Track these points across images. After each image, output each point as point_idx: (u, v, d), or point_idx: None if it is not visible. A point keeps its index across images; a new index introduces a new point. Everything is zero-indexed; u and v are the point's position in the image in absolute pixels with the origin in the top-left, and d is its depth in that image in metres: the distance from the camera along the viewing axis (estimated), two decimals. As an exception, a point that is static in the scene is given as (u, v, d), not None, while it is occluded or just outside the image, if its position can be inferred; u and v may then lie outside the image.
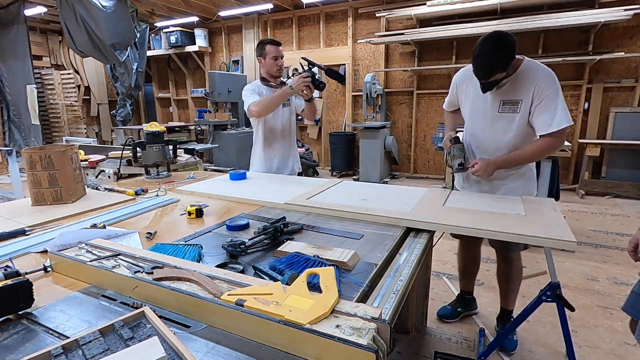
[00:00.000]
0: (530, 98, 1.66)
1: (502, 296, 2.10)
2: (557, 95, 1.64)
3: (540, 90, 1.63)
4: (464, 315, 2.29)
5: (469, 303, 2.32)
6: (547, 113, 1.64)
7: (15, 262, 1.10)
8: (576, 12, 4.91)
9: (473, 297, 2.35)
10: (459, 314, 2.28)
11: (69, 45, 5.54)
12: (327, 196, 1.76)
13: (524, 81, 1.66)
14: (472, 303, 2.34)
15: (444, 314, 2.28)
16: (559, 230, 1.25)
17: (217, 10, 7.19)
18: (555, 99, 1.63)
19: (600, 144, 5.03)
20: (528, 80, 1.65)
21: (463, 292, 2.33)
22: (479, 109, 1.81)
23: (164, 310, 0.83)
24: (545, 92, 1.63)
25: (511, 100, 1.70)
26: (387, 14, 5.99)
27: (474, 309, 2.34)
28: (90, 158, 3.18)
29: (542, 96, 1.63)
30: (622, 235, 3.55)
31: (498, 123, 1.76)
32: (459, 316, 2.28)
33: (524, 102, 1.68)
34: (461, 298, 2.33)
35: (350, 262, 1.03)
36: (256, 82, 2.46)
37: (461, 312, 2.29)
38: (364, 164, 6.05)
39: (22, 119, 7.07)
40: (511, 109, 1.72)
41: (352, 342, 0.64)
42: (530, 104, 1.67)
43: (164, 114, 9.48)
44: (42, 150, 1.69)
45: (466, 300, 2.32)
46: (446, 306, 2.33)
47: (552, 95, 1.63)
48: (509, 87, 1.70)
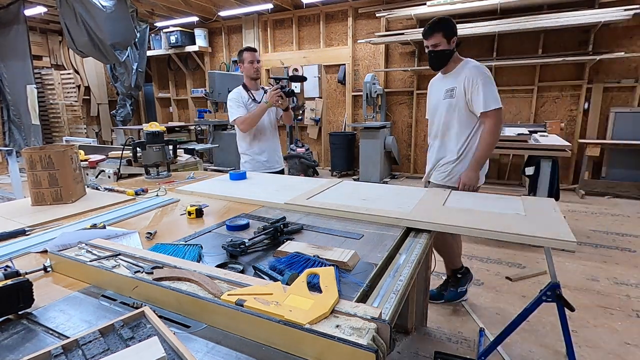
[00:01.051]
0: (462, 85, 2.04)
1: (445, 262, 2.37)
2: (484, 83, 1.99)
3: (470, 79, 2.01)
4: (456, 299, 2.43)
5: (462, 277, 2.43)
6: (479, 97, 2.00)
7: (15, 262, 1.10)
8: (576, 12, 4.91)
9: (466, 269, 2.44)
10: (442, 296, 2.45)
11: (69, 45, 5.54)
12: (327, 196, 1.76)
13: (459, 73, 2.08)
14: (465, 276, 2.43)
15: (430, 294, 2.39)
16: (559, 230, 1.25)
17: (217, 10, 7.19)
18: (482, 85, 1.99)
19: (600, 144, 5.03)
20: (462, 72, 2.07)
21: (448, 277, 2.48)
22: (433, 101, 2.26)
23: (164, 310, 0.83)
24: (473, 80, 2.00)
25: (449, 88, 2.11)
26: (387, 14, 5.99)
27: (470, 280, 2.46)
28: (90, 158, 3.18)
29: (472, 84, 2.01)
30: (622, 235, 3.55)
31: (442, 107, 2.16)
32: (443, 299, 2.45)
33: (457, 88, 2.07)
34: (446, 282, 2.49)
35: (350, 262, 1.03)
36: (238, 90, 2.66)
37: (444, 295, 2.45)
38: (364, 164, 6.05)
39: (22, 119, 7.07)
40: (449, 95, 2.11)
41: (352, 342, 0.64)
42: (463, 90, 2.04)
43: (164, 114, 9.48)
44: (42, 150, 1.69)
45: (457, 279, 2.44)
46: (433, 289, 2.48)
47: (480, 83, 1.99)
48: (451, 78, 2.12)
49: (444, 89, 2.15)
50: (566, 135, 5.43)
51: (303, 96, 7.29)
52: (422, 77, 6.39)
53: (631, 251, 3.20)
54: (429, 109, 2.33)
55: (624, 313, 2.30)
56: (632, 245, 3.31)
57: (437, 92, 2.22)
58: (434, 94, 2.26)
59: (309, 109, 7.25)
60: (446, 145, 2.19)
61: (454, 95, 2.09)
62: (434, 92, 2.27)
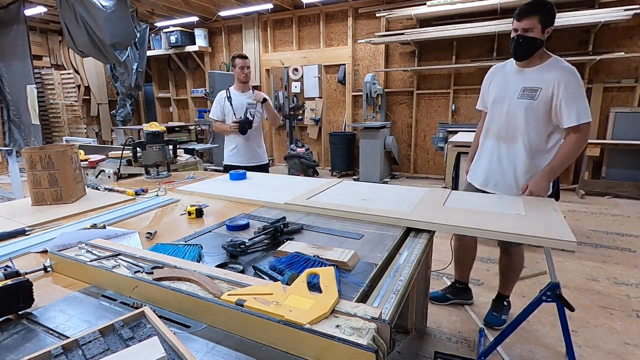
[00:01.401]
0: (550, 89, 1.73)
1: (501, 283, 2.25)
2: (580, 92, 1.71)
3: (562, 84, 1.70)
4: (454, 302, 2.42)
5: (459, 292, 2.43)
6: (570, 108, 1.70)
7: (15, 262, 1.10)
8: (576, 12, 4.91)
9: (467, 288, 2.43)
10: (447, 300, 2.42)
11: (69, 45, 5.54)
12: (327, 196, 1.76)
13: (547, 73, 1.75)
14: (463, 292, 2.42)
15: (434, 296, 2.43)
16: (559, 230, 1.25)
17: (217, 10, 7.19)
18: (578, 93, 1.71)
19: (600, 144, 5.03)
20: (551, 72, 1.74)
21: (456, 281, 2.45)
22: (502, 95, 1.91)
23: (164, 310, 0.83)
24: (567, 86, 1.70)
25: (531, 87, 1.78)
26: (387, 14, 5.99)
27: (467, 299, 2.41)
28: (90, 158, 3.18)
29: (565, 91, 1.70)
30: (622, 235, 3.55)
31: (516, 108, 1.84)
32: (448, 302, 2.41)
33: (542, 90, 1.75)
34: (453, 286, 2.45)
35: (350, 262, 1.03)
36: (222, 94, 3.08)
37: (449, 299, 2.42)
38: (364, 164, 6.05)
39: (22, 119, 7.06)
40: (529, 96, 1.78)
41: (352, 342, 0.64)
42: (550, 95, 1.73)
43: (164, 114, 9.48)
44: (42, 150, 1.69)
45: (457, 289, 2.43)
46: (437, 290, 2.46)
47: (576, 90, 1.70)
48: (532, 75, 1.79)
49: (521, 85, 1.81)
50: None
51: (303, 96, 7.29)
52: (422, 77, 6.39)
53: (631, 251, 3.20)
54: (490, 101, 1.98)
55: (624, 313, 2.30)
56: (632, 245, 3.31)
57: (506, 87, 1.88)
58: (501, 87, 1.91)
59: (309, 109, 7.25)
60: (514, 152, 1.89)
61: (535, 97, 1.77)
62: (501, 85, 1.91)
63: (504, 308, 2.23)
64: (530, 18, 1.69)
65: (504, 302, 2.24)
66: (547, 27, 1.72)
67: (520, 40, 1.74)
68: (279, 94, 7.28)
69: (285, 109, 7.06)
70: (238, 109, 2.99)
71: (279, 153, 7.93)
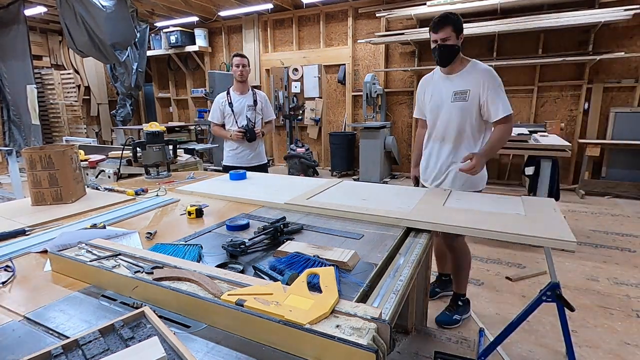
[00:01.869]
0: (478, 89, 1.96)
1: (453, 281, 2.33)
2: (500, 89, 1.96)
3: (486, 84, 1.94)
4: (442, 295, 2.51)
5: (445, 284, 2.53)
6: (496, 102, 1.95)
7: (15, 262, 1.10)
8: (576, 12, 4.91)
9: (450, 279, 2.47)
10: (436, 294, 2.52)
11: (69, 45, 5.54)
12: (327, 196, 1.76)
13: (470, 75, 1.99)
14: (448, 284, 2.49)
15: None
16: (558, 230, 1.25)
17: (217, 10, 7.19)
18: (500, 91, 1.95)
19: (600, 144, 5.03)
20: (474, 74, 1.98)
21: (440, 274, 2.57)
22: (436, 102, 2.11)
23: (164, 310, 0.83)
24: (489, 85, 1.94)
25: (461, 90, 2.01)
26: (387, 14, 5.99)
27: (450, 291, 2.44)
28: (90, 158, 3.18)
29: (488, 89, 1.94)
30: (622, 235, 3.55)
31: (452, 111, 2.04)
32: (437, 295, 2.51)
33: (471, 91, 1.97)
34: (438, 279, 2.57)
35: (350, 262, 1.03)
36: (222, 94, 3.04)
37: (438, 292, 2.52)
38: (364, 164, 6.05)
39: (22, 119, 7.06)
40: (461, 98, 2.01)
41: (352, 342, 0.64)
42: (478, 94, 1.96)
43: (164, 114, 9.48)
44: (42, 150, 1.69)
45: (443, 281, 2.54)
46: None
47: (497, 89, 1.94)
48: (459, 80, 2.02)
49: (451, 90, 2.03)
50: (566, 135, 5.43)
51: (303, 96, 7.29)
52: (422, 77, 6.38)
53: (631, 251, 3.20)
54: (429, 109, 2.18)
55: (624, 313, 2.30)
56: (632, 245, 3.31)
57: (440, 93, 2.09)
58: (435, 94, 2.12)
59: (309, 109, 7.25)
60: (459, 150, 2.07)
61: (467, 98, 1.98)
62: (435, 92, 2.12)
63: (459, 307, 2.24)
64: (445, 29, 1.93)
65: (458, 301, 2.26)
66: (460, 34, 1.96)
67: (442, 49, 1.97)
68: (279, 94, 7.28)
69: (285, 109, 7.06)
70: (239, 113, 2.97)
71: (279, 153, 7.93)
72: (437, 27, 1.95)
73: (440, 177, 2.17)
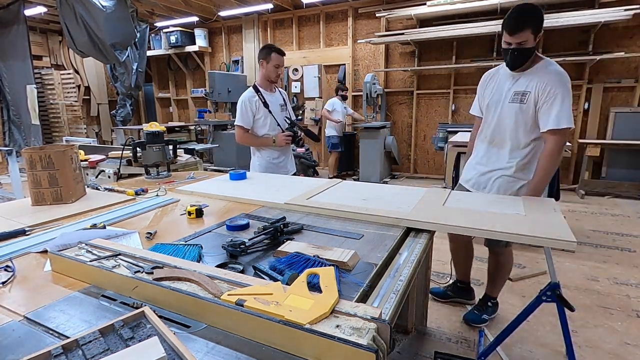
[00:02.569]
0: (536, 92, 1.74)
1: (488, 284, 2.26)
2: (563, 97, 1.69)
3: (548, 88, 1.70)
4: (454, 300, 2.45)
5: (460, 291, 2.45)
6: (551, 111, 1.71)
7: (15, 262, 1.10)
8: (576, 12, 4.91)
9: (469, 288, 2.43)
10: (447, 297, 2.46)
11: (69, 45, 5.54)
12: (327, 196, 1.76)
13: (536, 76, 1.76)
14: (464, 292, 2.43)
15: (435, 292, 2.48)
16: (558, 230, 1.25)
17: (217, 10, 7.19)
18: (560, 99, 1.69)
19: (600, 144, 5.03)
20: (540, 75, 1.75)
21: (457, 281, 2.48)
22: (495, 99, 1.92)
23: (164, 310, 0.83)
24: (552, 90, 1.70)
25: (521, 91, 1.79)
26: (387, 14, 5.99)
27: (469, 299, 2.42)
28: (90, 158, 3.18)
29: (548, 94, 1.71)
30: (622, 235, 3.55)
31: (507, 111, 1.86)
32: (448, 299, 2.45)
33: (531, 94, 1.75)
34: (454, 284, 2.49)
35: (350, 262, 1.03)
36: (250, 93, 2.53)
37: (450, 296, 2.46)
38: (364, 164, 6.05)
39: (22, 119, 7.06)
40: (519, 99, 1.80)
41: (352, 342, 0.64)
42: (536, 97, 1.74)
43: (164, 114, 9.48)
44: (42, 150, 1.69)
45: (458, 288, 2.46)
46: (439, 286, 2.53)
47: (559, 96, 1.69)
48: (524, 79, 1.80)
49: (512, 90, 1.82)
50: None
51: (303, 96, 7.29)
52: (422, 77, 6.39)
53: (631, 251, 3.20)
54: (483, 105, 2.00)
55: (624, 313, 2.30)
56: (632, 245, 3.31)
57: (500, 91, 1.89)
58: (495, 92, 1.91)
59: (309, 109, 7.25)
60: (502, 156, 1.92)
61: (525, 100, 1.77)
62: (496, 89, 1.92)
63: (488, 308, 2.24)
64: (524, 31, 1.67)
65: (488, 302, 2.24)
66: (538, 34, 1.72)
67: (516, 53, 1.73)
68: (279, 94, 7.28)
69: (285, 109, 7.05)
70: (277, 114, 2.54)
71: (279, 153, 7.92)
72: (514, 29, 1.69)
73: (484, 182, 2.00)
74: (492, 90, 1.95)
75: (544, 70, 1.75)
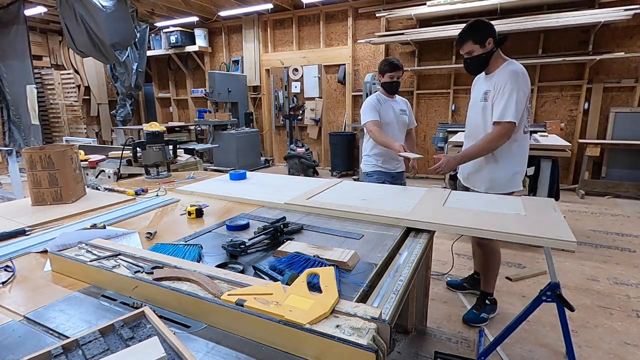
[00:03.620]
0: (494, 89, 1.94)
1: (481, 278, 2.32)
2: (511, 92, 1.87)
3: (501, 84, 1.90)
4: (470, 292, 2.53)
5: (476, 283, 2.48)
6: (499, 104, 1.90)
7: (15, 262, 1.10)
8: (576, 12, 4.91)
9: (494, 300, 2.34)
10: (463, 288, 2.57)
11: (69, 45, 5.54)
12: (327, 196, 1.76)
13: (497, 75, 1.96)
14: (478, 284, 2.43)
15: (452, 283, 2.62)
16: (558, 230, 1.25)
17: (217, 10, 7.19)
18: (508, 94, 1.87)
19: (600, 144, 5.03)
20: (499, 74, 1.95)
21: (475, 272, 2.58)
22: (472, 100, 2.15)
23: (164, 310, 0.83)
24: (503, 87, 1.89)
25: (485, 90, 2.01)
26: (387, 14, 5.99)
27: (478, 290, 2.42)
28: (90, 158, 3.18)
29: (500, 90, 1.90)
30: (622, 235, 3.55)
31: (477, 110, 2.07)
32: (464, 290, 2.57)
33: (491, 92, 1.97)
34: (471, 277, 2.59)
35: (350, 262, 1.03)
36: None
37: (466, 287, 2.56)
38: (364, 164, 6.04)
39: (22, 119, 7.06)
40: (484, 98, 2.01)
41: (352, 342, 0.64)
42: (494, 94, 1.94)
43: (164, 114, 9.48)
44: (42, 150, 1.69)
45: (475, 280, 2.54)
46: (456, 278, 2.64)
47: (507, 92, 1.87)
48: (489, 81, 2.00)
49: (483, 90, 2.04)
50: (566, 135, 5.43)
51: (303, 96, 7.29)
52: (422, 77, 6.39)
53: (631, 251, 3.20)
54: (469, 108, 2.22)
55: (624, 313, 2.30)
56: (632, 245, 3.31)
57: (477, 92, 2.11)
58: (474, 93, 2.16)
59: (309, 109, 7.25)
60: None
61: (487, 98, 1.99)
62: (475, 92, 2.16)
63: (486, 307, 2.25)
64: (466, 44, 1.96)
65: (485, 299, 2.26)
66: (485, 41, 1.94)
67: (469, 62, 2.03)
68: (279, 94, 7.29)
69: (285, 109, 7.06)
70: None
71: (279, 153, 7.93)
72: (458, 44, 2.02)
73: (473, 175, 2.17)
74: (473, 93, 2.18)
75: (503, 70, 1.95)
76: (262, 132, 7.96)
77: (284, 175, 2.78)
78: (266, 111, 7.93)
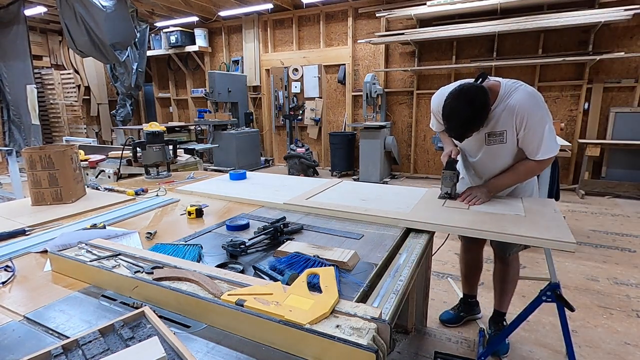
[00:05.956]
0: (514, 127, 1.62)
1: (496, 298, 2.07)
2: (541, 123, 1.58)
3: (524, 119, 1.57)
4: (467, 319, 2.25)
5: (472, 307, 2.27)
6: (534, 143, 1.61)
7: (15, 262, 1.10)
8: (576, 12, 4.91)
9: (476, 301, 2.30)
10: (461, 319, 2.24)
11: (69, 45, 5.54)
12: (327, 196, 1.76)
13: (505, 111, 1.60)
14: (475, 307, 2.28)
15: (447, 318, 2.24)
16: (558, 231, 1.25)
17: (217, 10, 7.19)
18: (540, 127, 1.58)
19: (600, 144, 5.03)
20: (508, 109, 1.60)
21: (466, 296, 2.28)
22: (471, 145, 1.80)
23: (164, 310, 0.83)
24: (529, 121, 1.57)
25: (495, 132, 1.67)
26: (387, 14, 5.99)
27: (477, 314, 2.28)
28: (90, 158, 3.18)
29: (527, 126, 1.58)
30: (622, 235, 3.55)
31: (489, 153, 1.75)
32: (462, 321, 2.23)
33: (508, 132, 1.64)
34: (464, 302, 2.28)
35: (350, 262, 1.03)
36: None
37: (464, 317, 2.24)
38: (364, 164, 6.05)
39: (22, 119, 7.06)
40: (498, 140, 1.68)
41: (352, 342, 0.64)
42: (515, 132, 1.63)
43: (164, 114, 9.48)
44: (42, 150, 1.69)
45: (469, 304, 2.27)
46: (449, 311, 2.28)
47: (537, 124, 1.58)
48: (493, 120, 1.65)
49: (484, 132, 1.69)
50: (566, 135, 5.43)
51: (303, 96, 7.29)
52: (422, 77, 6.39)
53: (631, 251, 3.19)
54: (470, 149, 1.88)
55: (624, 313, 2.30)
56: (632, 245, 3.31)
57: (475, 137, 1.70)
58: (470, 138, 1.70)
59: (309, 109, 7.25)
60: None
61: (504, 139, 1.66)
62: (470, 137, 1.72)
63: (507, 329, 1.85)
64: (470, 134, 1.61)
65: (502, 322, 2.04)
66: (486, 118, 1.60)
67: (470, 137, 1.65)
68: (279, 94, 7.29)
69: (285, 109, 7.06)
70: None
71: (279, 153, 7.93)
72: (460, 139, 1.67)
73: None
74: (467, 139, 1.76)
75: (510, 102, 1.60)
76: (262, 132, 7.97)
77: (284, 175, 2.79)
78: (266, 111, 7.93)
